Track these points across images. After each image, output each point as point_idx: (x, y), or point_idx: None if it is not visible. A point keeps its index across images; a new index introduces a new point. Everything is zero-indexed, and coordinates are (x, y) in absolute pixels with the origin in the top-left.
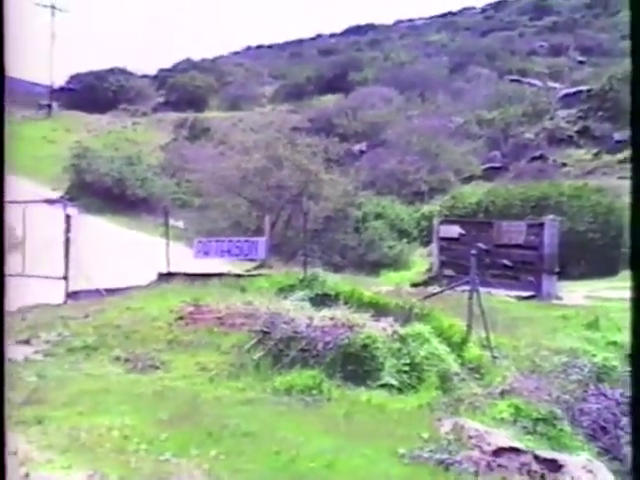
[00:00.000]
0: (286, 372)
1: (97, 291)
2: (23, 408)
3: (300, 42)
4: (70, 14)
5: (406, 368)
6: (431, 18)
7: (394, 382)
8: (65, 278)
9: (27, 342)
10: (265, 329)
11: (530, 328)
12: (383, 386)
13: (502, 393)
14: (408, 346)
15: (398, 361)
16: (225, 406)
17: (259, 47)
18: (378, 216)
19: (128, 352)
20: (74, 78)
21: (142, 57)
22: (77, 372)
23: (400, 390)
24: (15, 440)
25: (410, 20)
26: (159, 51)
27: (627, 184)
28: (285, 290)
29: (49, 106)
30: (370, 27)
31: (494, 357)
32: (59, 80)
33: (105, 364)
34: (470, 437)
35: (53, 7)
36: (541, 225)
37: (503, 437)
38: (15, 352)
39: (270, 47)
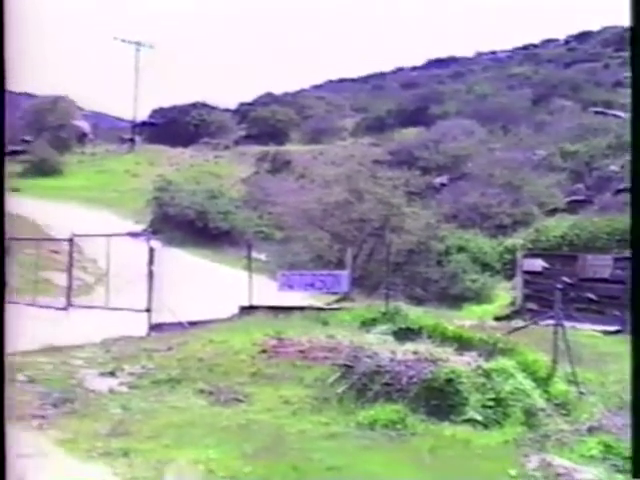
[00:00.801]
0: (369, 406)
1: (180, 324)
2: (109, 439)
3: (381, 75)
4: (154, 50)
5: (491, 403)
6: (513, 50)
7: (479, 417)
8: (148, 310)
9: (112, 374)
10: (348, 363)
11: (617, 364)
12: (467, 421)
13: (590, 430)
14: (492, 381)
15: (482, 396)
16: (309, 440)
17: (340, 80)
18: (461, 249)
19: (212, 385)
20: (157, 112)
21: (223, 91)
22: (161, 405)
23: (485, 425)
24: (102, 472)
25: (492, 52)
26: (240, 85)
27: None
28: (368, 324)
29: (132, 140)
30: (452, 60)
31: (581, 393)
32: (142, 114)
33: (189, 397)
34: (558, 474)
35: (138, 43)
36: (628, 258)
37: (593, 475)
38: (100, 384)
39: (351, 80)
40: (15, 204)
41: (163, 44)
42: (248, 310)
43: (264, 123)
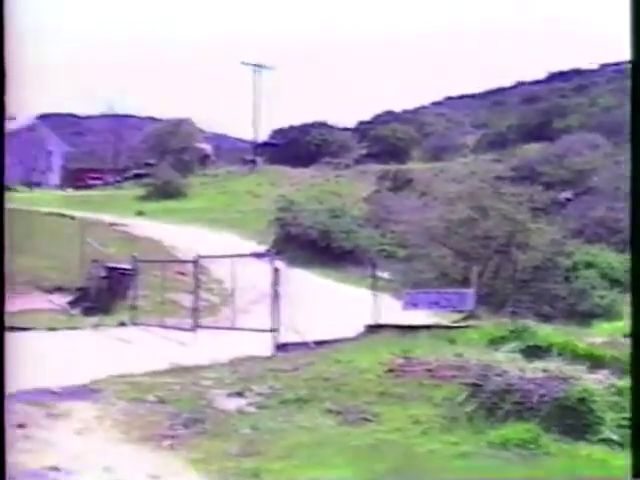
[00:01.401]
0: (500, 425)
1: (305, 344)
2: (239, 459)
3: (501, 90)
4: (274, 71)
5: (626, 422)
6: None
7: (615, 437)
8: (273, 331)
9: (240, 394)
10: (477, 382)
11: None
12: (603, 441)
13: None
14: (627, 399)
15: (617, 415)
16: (440, 459)
17: (460, 97)
18: (589, 265)
19: (339, 405)
20: (277, 133)
21: (342, 110)
22: (290, 424)
23: (622, 445)
24: None
25: (616, 64)
26: (359, 103)
27: None
28: (495, 341)
29: (253, 161)
30: (575, 72)
31: None
32: (263, 135)
33: (317, 417)
34: None
35: (258, 65)
36: None
37: None
38: (228, 404)
39: (471, 96)
40: (140, 227)
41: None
42: (374, 329)
43: (384, 141)
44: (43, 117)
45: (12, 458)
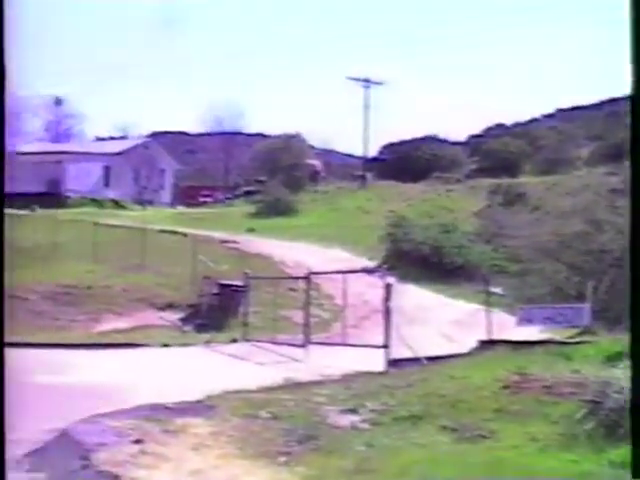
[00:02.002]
0: (621, 444)
1: (417, 359)
2: (355, 476)
3: (615, 101)
4: (383, 86)
5: None
6: None
7: None
8: (386, 347)
9: (353, 411)
10: (596, 399)
11: None
12: None
13: None
14: None
15: None
16: (559, 478)
17: (572, 109)
18: None
19: (455, 421)
20: (387, 148)
21: (452, 124)
22: (405, 441)
23: None
24: None
25: None
26: (469, 117)
27: None
28: (613, 357)
29: (363, 177)
30: None
31: None
32: (372, 151)
33: (432, 434)
34: None
35: (367, 80)
36: None
37: None
38: (342, 420)
39: (583, 108)
40: (251, 244)
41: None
42: (487, 345)
43: (496, 155)
44: (155, 135)
45: (130, 473)
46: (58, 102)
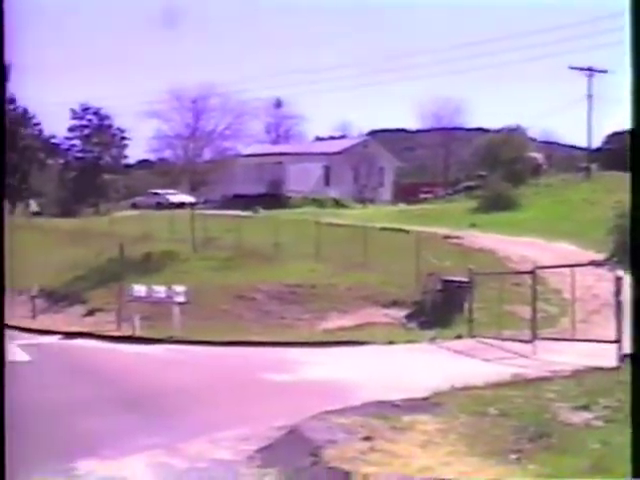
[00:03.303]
0: None
1: None
2: (590, 476)
3: None
4: (607, 74)
5: None
6: None
7: None
8: (618, 341)
9: (586, 407)
10: None
11: None
12: None
13: None
14: None
15: None
16: None
17: None
18: None
19: None
20: (612, 137)
21: None
22: None
23: None
24: None
25: None
26: None
27: None
28: None
29: (587, 168)
30: None
31: None
32: (597, 141)
33: None
34: None
35: (590, 69)
36: None
37: None
38: (574, 417)
39: None
40: (473, 239)
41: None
42: None
43: None
44: (374, 133)
45: (360, 470)
46: (278, 104)
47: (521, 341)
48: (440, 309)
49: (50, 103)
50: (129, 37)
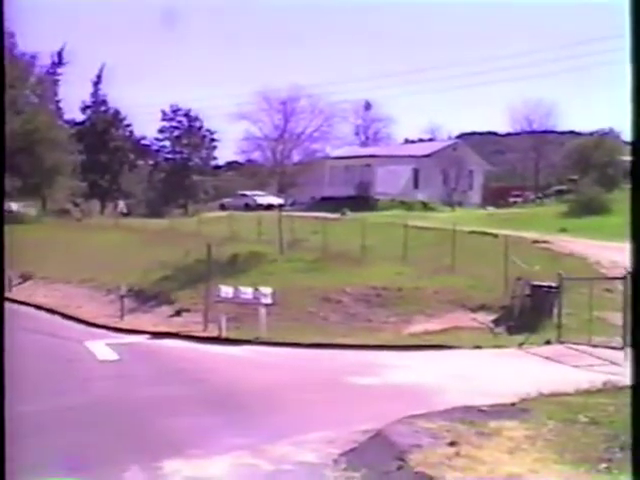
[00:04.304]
0: None
1: None
2: None
3: None
4: None
5: None
6: None
7: None
8: None
9: None
10: None
11: None
12: None
13: None
14: None
15: None
16: None
17: None
18: None
19: None
20: None
21: None
22: None
23: None
24: None
25: None
26: None
27: None
28: None
29: None
30: None
31: None
32: None
33: None
34: None
35: None
36: None
37: None
38: None
39: None
40: (564, 244)
41: None
42: None
43: None
44: (464, 136)
45: (446, 475)
46: (367, 106)
47: (612, 348)
48: (528, 314)
49: (141, 105)
50: (218, 40)
